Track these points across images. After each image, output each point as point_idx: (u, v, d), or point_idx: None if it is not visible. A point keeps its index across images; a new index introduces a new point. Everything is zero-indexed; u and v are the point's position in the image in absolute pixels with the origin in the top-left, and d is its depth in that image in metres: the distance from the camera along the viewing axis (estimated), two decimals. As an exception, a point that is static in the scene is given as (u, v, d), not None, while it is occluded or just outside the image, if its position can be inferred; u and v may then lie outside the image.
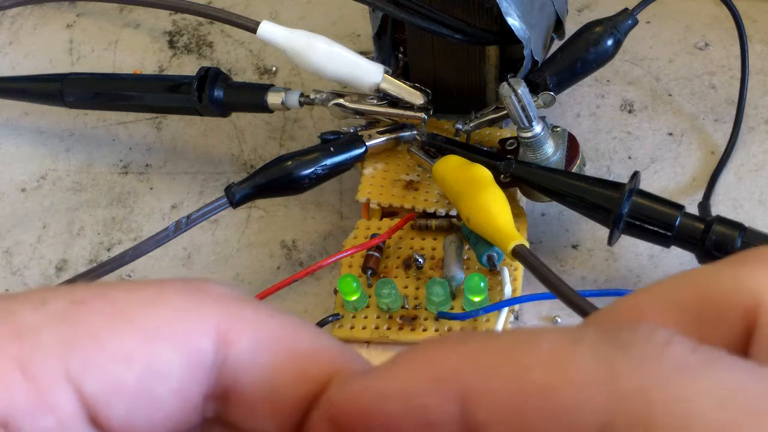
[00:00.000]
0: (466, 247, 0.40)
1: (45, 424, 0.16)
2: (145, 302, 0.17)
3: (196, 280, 0.19)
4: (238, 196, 0.40)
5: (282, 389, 0.18)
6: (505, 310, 0.38)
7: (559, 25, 0.45)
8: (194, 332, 0.17)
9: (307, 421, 0.18)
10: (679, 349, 0.14)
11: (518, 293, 0.39)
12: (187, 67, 0.55)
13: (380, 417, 0.16)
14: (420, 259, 0.40)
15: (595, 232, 0.43)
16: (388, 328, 0.38)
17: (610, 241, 0.38)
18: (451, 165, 0.40)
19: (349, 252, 0.40)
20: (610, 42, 0.43)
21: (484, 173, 0.39)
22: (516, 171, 0.40)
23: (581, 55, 0.43)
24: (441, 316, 0.38)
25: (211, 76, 0.45)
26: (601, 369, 0.14)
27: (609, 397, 0.14)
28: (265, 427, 0.18)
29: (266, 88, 0.44)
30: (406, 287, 0.40)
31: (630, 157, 0.46)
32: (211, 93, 0.44)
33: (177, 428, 0.18)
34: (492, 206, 0.37)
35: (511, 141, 0.42)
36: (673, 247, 0.38)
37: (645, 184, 0.39)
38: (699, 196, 0.44)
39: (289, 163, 0.41)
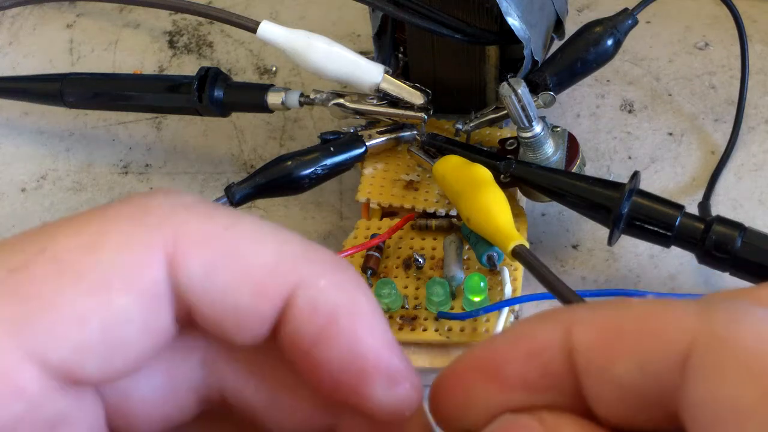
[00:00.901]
0: (466, 247, 0.40)
1: (15, 410, 0.16)
2: (87, 247, 0.17)
3: (139, 196, 0.18)
4: (238, 196, 0.40)
5: (242, 308, 0.17)
6: (506, 310, 0.38)
7: (559, 25, 0.45)
8: (143, 266, 0.17)
9: (281, 335, 0.17)
10: (759, 311, 0.15)
11: (518, 293, 0.39)
12: (187, 67, 0.55)
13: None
14: (420, 259, 0.40)
15: (595, 232, 0.43)
16: (388, 328, 0.38)
17: (610, 241, 0.38)
18: (451, 165, 0.40)
19: (349, 252, 0.40)
20: (610, 42, 0.43)
21: (484, 173, 0.39)
22: (516, 171, 0.40)
23: (581, 55, 0.43)
24: (441, 316, 0.38)
25: (211, 76, 0.45)
26: (691, 309, 0.16)
27: (697, 322, 0.15)
28: (235, 340, 0.17)
29: (266, 88, 0.44)
30: (406, 287, 0.40)
31: (630, 157, 0.46)
32: (211, 93, 0.44)
33: (156, 353, 0.17)
34: (492, 206, 0.37)
35: (511, 141, 0.42)
36: (673, 247, 0.38)
37: (645, 184, 0.39)
38: (699, 196, 0.44)
39: (289, 163, 0.41)
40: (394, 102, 0.42)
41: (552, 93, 0.41)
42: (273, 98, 0.44)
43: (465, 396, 0.17)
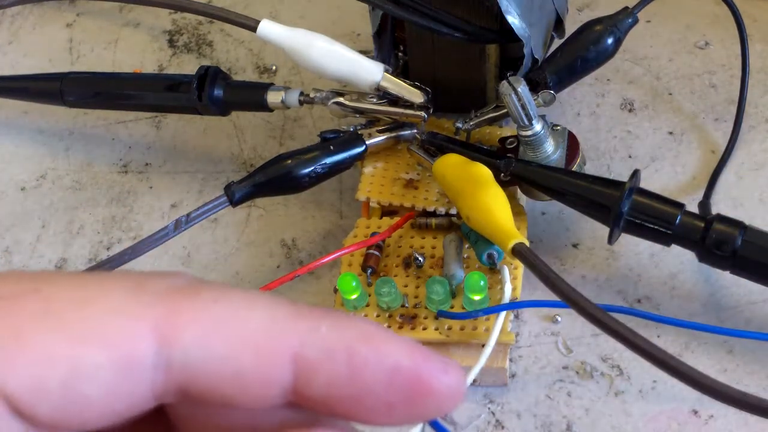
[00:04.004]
0: (466, 245, 0.40)
1: None
2: (78, 301, 0.17)
3: (137, 275, 0.18)
4: (237, 194, 0.40)
5: (246, 373, 0.17)
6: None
7: (559, 24, 0.45)
8: (127, 334, 0.17)
9: (312, 395, 0.18)
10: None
11: (518, 292, 0.39)
12: (187, 66, 0.55)
13: None
14: (420, 258, 0.40)
15: (596, 230, 0.43)
16: (388, 327, 0.38)
17: (611, 239, 0.38)
18: (451, 163, 0.40)
19: (349, 249, 0.40)
20: (610, 41, 0.43)
21: (484, 172, 0.39)
22: (516, 169, 0.40)
23: (581, 53, 0.43)
24: (441, 314, 0.38)
25: (210, 75, 0.45)
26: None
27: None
28: (245, 406, 0.18)
29: (266, 87, 0.44)
30: (406, 286, 0.40)
31: (630, 156, 0.46)
32: (211, 92, 0.44)
33: (123, 420, 0.17)
34: (492, 205, 0.37)
35: (511, 139, 0.42)
36: (673, 246, 0.38)
37: (645, 183, 0.39)
38: (699, 195, 0.44)
39: (289, 161, 0.41)
40: (394, 101, 0.42)
41: (552, 92, 0.41)
42: (273, 97, 0.44)
43: None
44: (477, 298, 0.37)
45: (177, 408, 0.19)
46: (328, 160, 0.41)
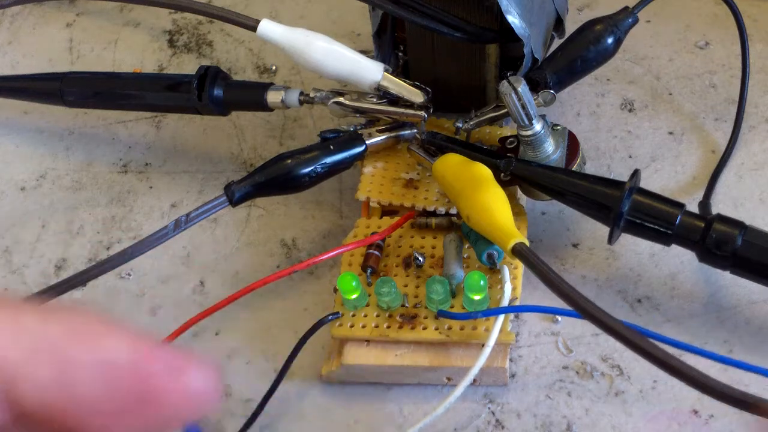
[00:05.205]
0: (466, 245, 0.40)
1: None
2: None
3: None
4: (237, 194, 0.40)
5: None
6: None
7: (559, 24, 0.45)
8: None
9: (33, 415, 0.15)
10: None
11: (518, 292, 0.39)
12: (187, 66, 0.55)
13: None
14: (420, 258, 0.40)
15: (596, 230, 0.43)
16: (388, 327, 0.38)
17: (611, 239, 0.38)
18: (451, 163, 0.40)
19: (348, 248, 0.40)
20: (610, 40, 0.43)
21: (484, 172, 0.39)
22: (516, 169, 0.40)
23: (581, 53, 0.43)
24: (441, 314, 0.38)
25: (210, 75, 0.45)
26: None
27: None
28: None
29: (266, 86, 0.44)
30: (406, 286, 0.40)
31: (630, 156, 0.46)
32: (211, 92, 0.44)
33: None
34: (492, 204, 0.37)
35: (511, 139, 0.42)
36: (673, 246, 0.38)
37: (645, 183, 0.39)
38: (699, 195, 0.44)
39: (289, 161, 0.41)
40: (394, 100, 0.42)
41: (552, 91, 0.41)
42: (273, 97, 0.44)
43: None
44: (477, 297, 0.37)
45: None
46: (328, 160, 0.41)
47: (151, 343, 0.16)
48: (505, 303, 0.38)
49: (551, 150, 0.40)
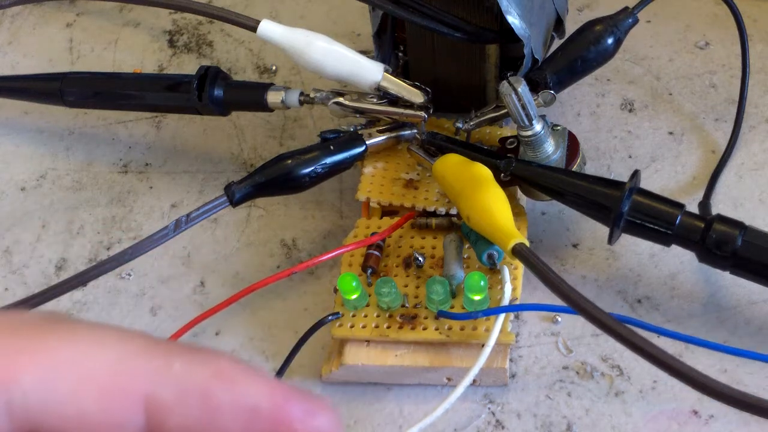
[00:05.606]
0: (466, 245, 0.40)
1: None
2: None
3: None
4: (237, 194, 0.40)
5: (90, 414, 0.17)
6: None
7: (559, 24, 0.45)
8: None
9: None
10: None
11: (518, 292, 0.39)
12: (187, 66, 0.55)
13: None
14: (420, 258, 0.40)
15: (596, 230, 0.43)
16: (388, 327, 0.38)
17: (611, 239, 0.38)
18: (451, 163, 0.40)
19: (348, 248, 0.40)
20: (610, 41, 0.43)
21: (484, 172, 0.39)
22: (516, 170, 0.40)
23: (582, 53, 0.43)
24: (441, 314, 0.38)
25: (211, 75, 0.45)
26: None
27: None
28: None
29: (266, 87, 0.44)
30: (406, 286, 0.40)
31: (630, 156, 0.46)
32: (211, 92, 0.44)
33: None
34: (492, 205, 0.37)
35: (511, 140, 0.42)
36: (673, 246, 0.38)
37: (645, 183, 0.39)
38: (699, 196, 0.44)
39: (289, 161, 0.41)
40: (394, 101, 0.42)
41: (552, 92, 0.41)
42: (273, 97, 0.44)
43: None
44: (477, 298, 0.37)
45: None
46: (328, 160, 0.41)
47: (286, 388, 0.17)
48: (505, 303, 0.38)
49: (551, 150, 0.40)
